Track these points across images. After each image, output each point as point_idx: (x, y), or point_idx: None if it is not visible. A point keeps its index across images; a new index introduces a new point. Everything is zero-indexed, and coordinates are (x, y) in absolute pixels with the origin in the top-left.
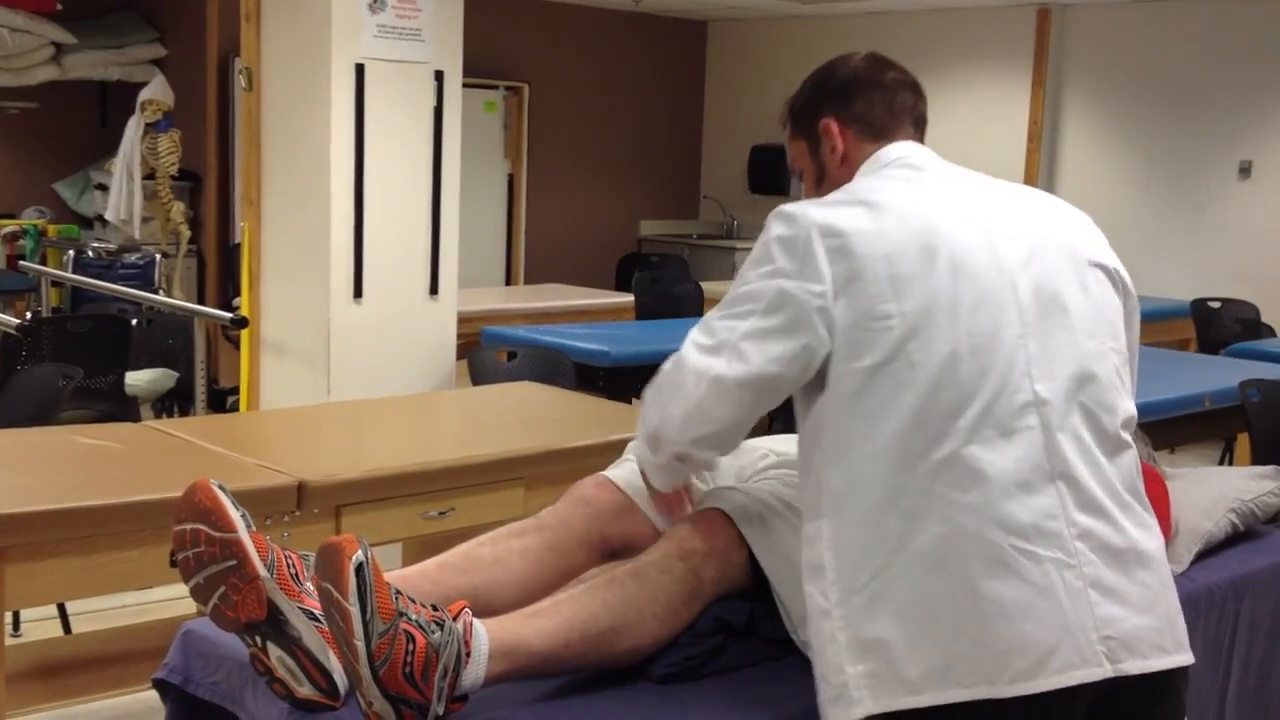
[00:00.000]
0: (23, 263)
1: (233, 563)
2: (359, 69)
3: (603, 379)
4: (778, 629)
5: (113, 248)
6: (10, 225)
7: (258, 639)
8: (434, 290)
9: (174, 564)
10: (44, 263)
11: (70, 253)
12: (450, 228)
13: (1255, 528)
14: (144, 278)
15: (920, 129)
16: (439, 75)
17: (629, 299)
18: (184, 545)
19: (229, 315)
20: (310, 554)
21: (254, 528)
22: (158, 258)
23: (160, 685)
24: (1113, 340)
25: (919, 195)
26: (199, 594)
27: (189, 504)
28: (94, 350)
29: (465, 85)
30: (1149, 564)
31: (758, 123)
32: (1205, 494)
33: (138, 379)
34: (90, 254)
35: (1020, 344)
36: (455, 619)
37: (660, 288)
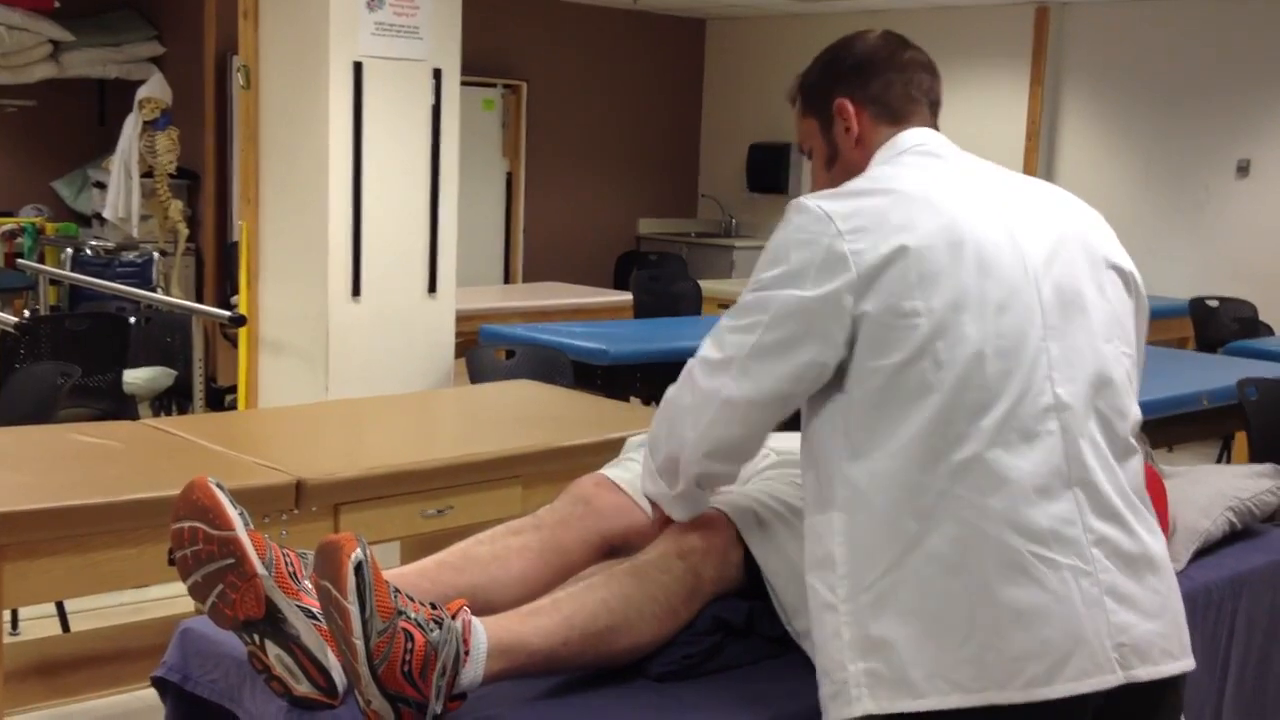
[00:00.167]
0: (21, 261)
1: (231, 561)
2: (357, 67)
3: (601, 377)
4: (776, 627)
5: (111, 246)
6: (8, 223)
7: (256, 637)
8: (432, 288)
9: (172, 562)
10: (42, 261)
11: (68, 251)
12: (448, 226)
13: (1253, 526)
14: (142, 276)
15: (935, 112)
16: (437, 73)
17: (627, 297)
18: (182, 543)
19: (227, 313)
20: (308, 552)
21: (252, 526)
22: (156, 256)
23: (159, 683)
24: (1126, 345)
25: (941, 186)
26: (197, 592)
27: (187, 502)
28: (92, 348)
29: (463, 83)
30: (1159, 569)
31: (756, 121)
32: (1203, 492)
33: (136, 377)
34: (88, 252)
35: (1043, 346)
36: (454, 617)
37: (658, 286)
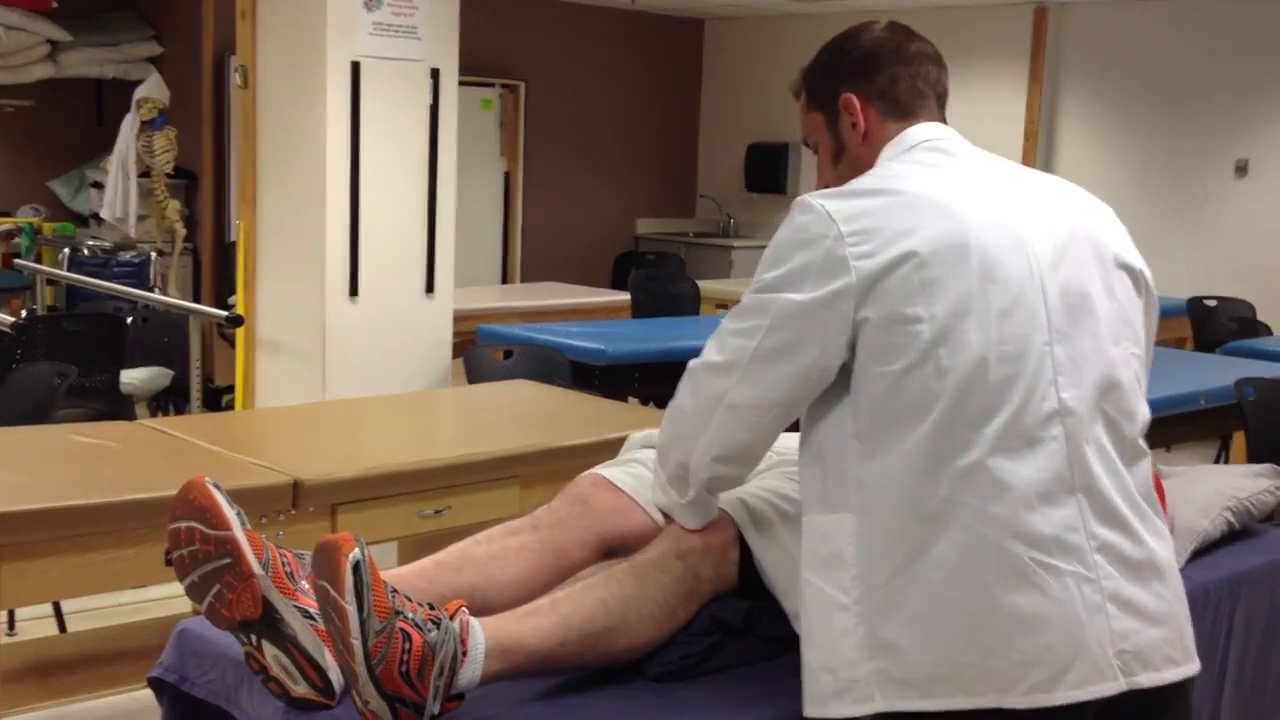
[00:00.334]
0: (18, 260)
1: (228, 561)
2: (355, 67)
3: (599, 377)
4: (774, 627)
5: (108, 246)
6: (5, 223)
7: (253, 637)
8: (430, 288)
9: (169, 562)
10: (39, 261)
11: (65, 251)
12: (446, 226)
13: (1251, 526)
14: (139, 276)
15: (943, 104)
16: (435, 73)
17: (625, 297)
18: (179, 543)
19: (224, 313)
20: (305, 552)
21: (249, 526)
22: (153, 256)
23: (155, 684)
24: (1135, 345)
25: (948, 186)
26: (194, 592)
27: (184, 502)
28: (89, 348)
29: (461, 83)
30: (1164, 575)
31: (755, 121)
32: (1201, 492)
33: (133, 377)
34: (85, 252)
35: (1048, 351)
36: (452, 618)
37: (657, 286)
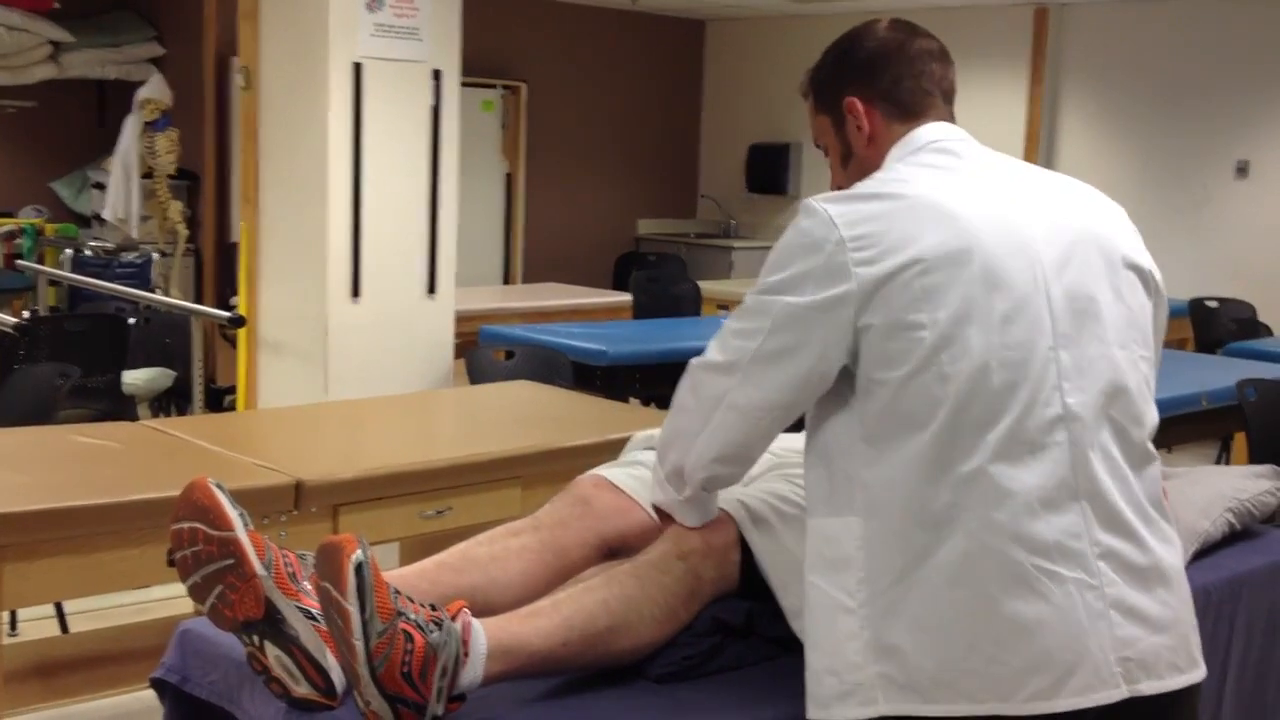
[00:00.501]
0: (20, 261)
1: (230, 561)
2: (356, 68)
3: (600, 378)
4: (776, 628)
5: (110, 246)
6: (8, 224)
7: (255, 638)
8: (432, 289)
9: (171, 563)
10: (41, 261)
11: (68, 251)
12: (448, 227)
13: (1252, 527)
14: (141, 277)
15: (950, 100)
16: (437, 74)
17: (626, 298)
18: (181, 544)
19: (226, 314)
20: (308, 553)
21: (251, 526)
22: (155, 256)
23: (158, 684)
24: (1143, 348)
25: (954, 189)
26: (196, 593)
27: (186, 503)
28: (91, 349)
29: (463, 84)
30: (1170, 581)
31: (756, 121)
32: (1202, 493)
33: (135, 378)
34: (88, 253)
35: (1052, 356)
36: (454, 619)
37: (658, 287)
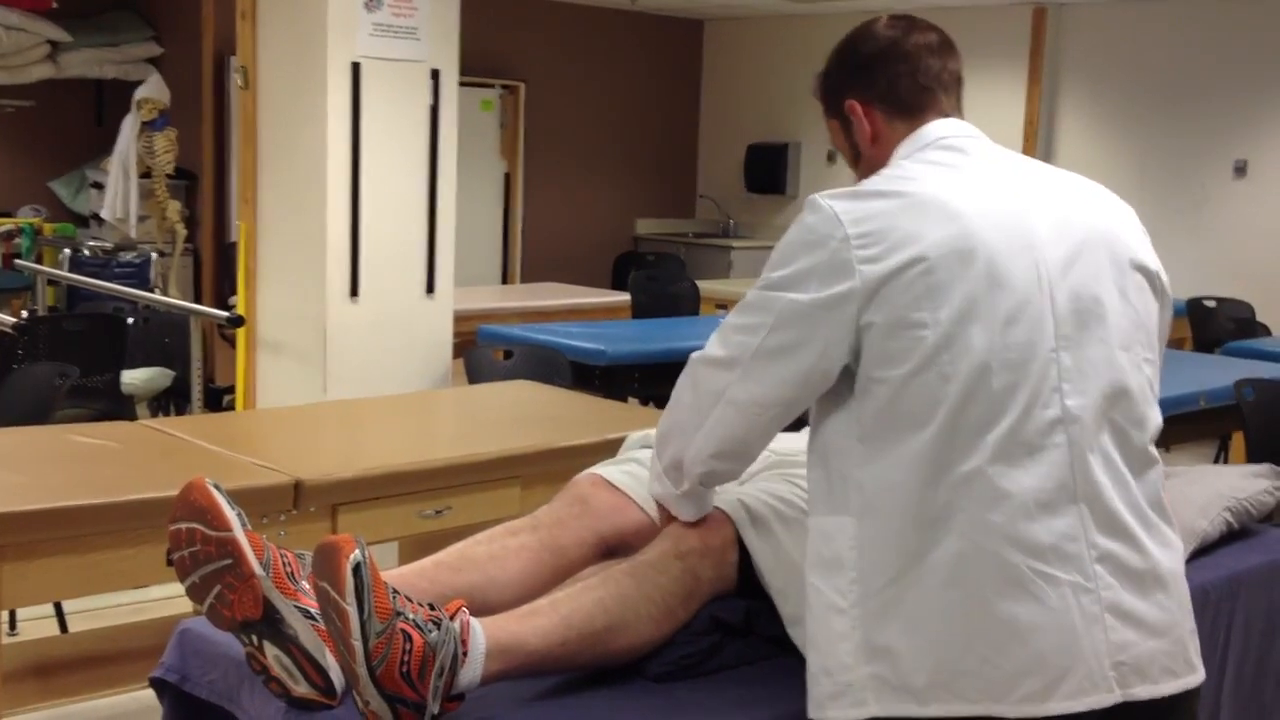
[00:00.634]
0: (19, 261)
1: (228, 561)
2: (355, 67)
3: (599, 378)
4: (774, 627)
5: (109, 246)
6: (6, 224)
7: (254, 638)
8: (430, 289)
9: (170, 563)
10: (40, 261)
11: (66, 251)
12: (446, 226)
13: (1250, 526)
14: (140, 276)
15: (953, 92)
16: (435, 74)
17: (625, 298)
18: (180, 544)
19: (225, 314)
20: (306, 553)
21: (250, 526)
22: (154, 256)
23: (157, 684)
24: (1147, 350)
25: (959, 187)
26: (195, 593)
27: (185, 503)
28: (90, 349)
29: (461, 84)
30: (1168, 585)
31: (754, 121)
32: (1200, 493)
33: (134, 378)
34: (86, 252)
35: (1053, 358)
36: (452, 618)
37: (656, 286)
